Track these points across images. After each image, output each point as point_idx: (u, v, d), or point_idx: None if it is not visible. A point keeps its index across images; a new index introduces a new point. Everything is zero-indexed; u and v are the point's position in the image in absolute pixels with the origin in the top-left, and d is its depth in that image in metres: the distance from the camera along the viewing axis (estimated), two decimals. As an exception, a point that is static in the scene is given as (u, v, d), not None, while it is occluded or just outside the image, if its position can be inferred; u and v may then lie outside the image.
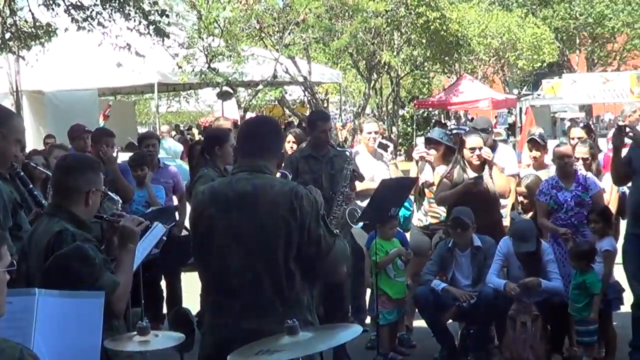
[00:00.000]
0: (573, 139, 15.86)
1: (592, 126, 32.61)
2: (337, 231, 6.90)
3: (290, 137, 15.19)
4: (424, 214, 14.04)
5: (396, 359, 12.70)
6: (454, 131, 15.86)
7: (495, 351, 12.59)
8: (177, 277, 13.77)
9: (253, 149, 6.72)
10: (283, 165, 12.51)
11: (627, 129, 11.69)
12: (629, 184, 12.27)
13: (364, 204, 12.52)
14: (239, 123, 24.17)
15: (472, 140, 13.08)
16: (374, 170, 13.98)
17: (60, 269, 6.11)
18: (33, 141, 23.52)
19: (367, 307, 13.66)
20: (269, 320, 6.02)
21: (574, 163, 13.15)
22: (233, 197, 6.48)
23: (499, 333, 12.58)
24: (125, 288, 6.46)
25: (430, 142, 14.45)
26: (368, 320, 13.62)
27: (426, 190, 13.93)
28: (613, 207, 13.24)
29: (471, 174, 12.81)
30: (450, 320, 13.00)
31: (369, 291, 13.38)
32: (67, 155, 9.36)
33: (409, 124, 46.54)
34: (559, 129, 37.57)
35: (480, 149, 12.96)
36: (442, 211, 13.67)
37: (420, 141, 24.93)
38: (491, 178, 13.04)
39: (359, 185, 13.16)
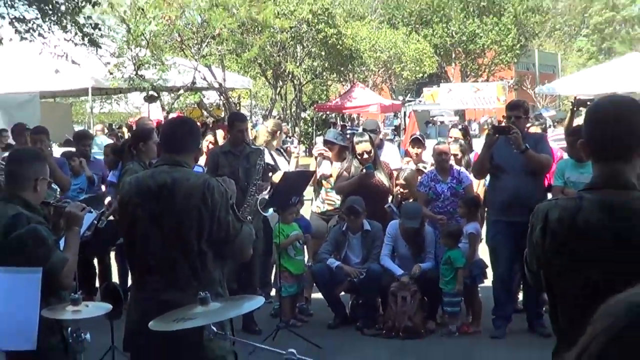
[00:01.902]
0: (451, 137, 16.15)
1: (468, 129, 32.87)
2: (248, 217, 6.96)
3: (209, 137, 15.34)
4: (322, 202, 14.29)
5: (296, 325, 12.77)
6: (349, 132, 16.01)
7: (380, 319, 12.72)
8: (107, 256, 13.76)
9: (172, 146, 6.78)
10: (206, 159, 12.67)
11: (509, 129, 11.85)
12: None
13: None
14: (161, 123, 24.00)
15: (361, 146, 13.33)
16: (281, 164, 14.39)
17: (17, 248, 6.25)
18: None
19: (272, 281, 13.80)
20: (185, 294, 6.03)
21: (450, 159, 13.47)
22: (154, 188, 6.51)
23: (384, 304, 12.74)
24: (72, 264, 6.60)
25: (326, 143, 14.64)
26: (273, 292, 13.70)
27: (324, 182, 14.15)
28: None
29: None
30: (343, 293, 13.15)
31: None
32: (17, 149, 9.56)
33: (309, 125, 46.61)
34: (436, 131, 37.67)
35: (368, 152, 13.28)
36: (336, 199, 13.92)
37: (319, 140, 24.90)
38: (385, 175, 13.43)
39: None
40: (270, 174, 13.40)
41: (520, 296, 12.76)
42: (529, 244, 4.73)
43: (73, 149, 15.79)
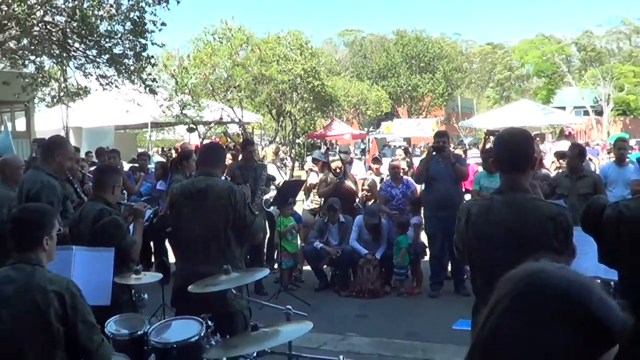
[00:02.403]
0: (397, 155, 16.52)
1: (409, 149, 32.84)
2: (257, 212, 7.00)
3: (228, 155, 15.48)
4: (310, 202, 14.51)
5: (292, 289, 12.83)
6: (330, 152, 16.05)
7: (351, 284, 12.75)
8: (159, 240, 13.64)
9: (206, 162, 6.91)
10: (226, 171, 12.76)
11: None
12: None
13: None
14: (198, 147, 23.98)
15: (334, 164, 13.91)
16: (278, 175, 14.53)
17: (104, 231, 6.53)
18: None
19: (275, 257, 13.80)
20: (215, 266, 6.01)
21: (400, 171, 13.60)
22: (194, 191, 6.65)
23: (354, 274, 12.77)
24: (138, 245, 6.92)
25: (314, 160, 15.02)
26: (276, 266, 13.70)
27: (313, 189, 14.30)
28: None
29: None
30: (325, 266, 13.15)
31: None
32: (101, 164, 10.02)
33: (302, 148, 46.72)
34: (391, 152, 37.61)
35: (339, 167, 13.82)
36: (320, 200, 14.11)
37: (309, 159, 24.94)
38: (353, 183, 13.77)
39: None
40: (272, 182, 13.45)
41: (450, 267, 12.74)
42: (456, 231, 4.83)
43: (136, 165, 15.95)
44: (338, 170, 13.76)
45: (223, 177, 7.66)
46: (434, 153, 12.28)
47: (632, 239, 4.46)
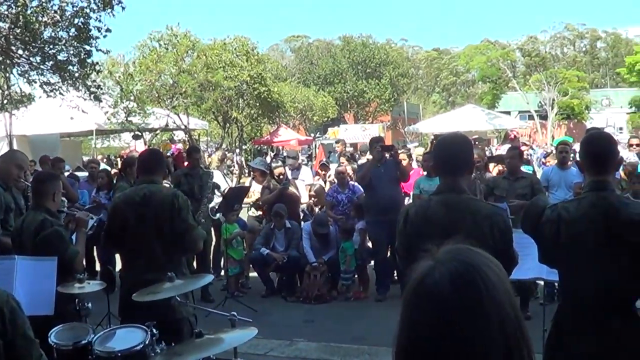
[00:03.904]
0: (342, 161, 16.59)
1: (355, 155, 32.98)
2: (203, 220, 7.04)
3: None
4: (256, 209, 14.30)
5: (239, 295, 12.81)
6: (274, 159, 16.08)
7: (298, 290, 12.78)
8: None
9: (147, 169, 6.89)
10: (170, 178, 12.78)
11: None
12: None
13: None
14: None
15: (277, 170, 14.00)
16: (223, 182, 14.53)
17: (46, 243, 6.46)
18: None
19: (222, 265, 13.74)
20: (159, 273, 5.97)
21: (347, 177, 13.68)
22: (137, 199, 6.63)
23: (301, 279, 12.83)
24: (82, 255, 6.92)
25: (253, 170, 15.44)
26: (222, 272, 13.70)
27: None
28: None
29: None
30: (272, 272, 13.15)
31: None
32: (40, 172, 9.81)
33: (248, 154, 46.59)
34: (337, 158, 37.61)
35: (282, 173, 13.92)
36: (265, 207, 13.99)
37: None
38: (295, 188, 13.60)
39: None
40: (217, 189, 13.44)
41: (396, 271, 12.80)
42: (397, 235, 4.86)
43: (76, 174, 15.89)
44: (281, 177, 13.79)
45: (167, 184, 7.68)
46: (386, 154, 12.40)
47: (571, 240, 4.56)
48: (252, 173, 15.26)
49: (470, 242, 1.99)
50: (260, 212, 14.26)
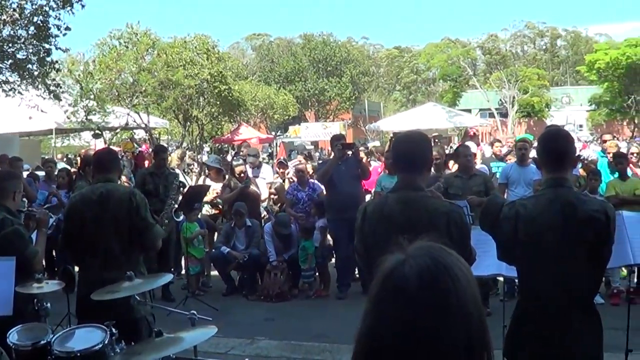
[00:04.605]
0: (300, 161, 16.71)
1: (312, 153, 33.15)
2: (167, 221, 7.02)
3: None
4: (210, 208, 14.75)
5: (200, 294, 12.83)
6: (235, 157, 16.04)
7: (259, 288, 12.80)
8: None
9: (103, 168, 6.85)
10: (135, 177, 12.79)
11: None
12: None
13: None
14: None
15: (238, 168, 14.06)
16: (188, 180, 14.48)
17: (5, 242, 6.38)
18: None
19: (182, 264, 13.73)
20: (118, 272, 5.97)
21: (307, 175, 13.72)
22: (94, 198, 6.57)
23: (261, 278, 12.83)
24: (42, 255, 6.84)
25: (207, 167, 15.68)
26: (183, 271, 13.68)
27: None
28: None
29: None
30: (233, 270, 13.15)
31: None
32: (1, 171, 9.71)
33: (209, 153, 46.45)
34: (294, 155, 37.69)
35: (243, 171, 13.93)
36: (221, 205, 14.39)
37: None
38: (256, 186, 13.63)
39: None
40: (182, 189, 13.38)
41: (357, 269, 12.84)
42: (355, 232, 4.86)
43: (36, 173, 15.73)
44: (242, 175, 13.78)
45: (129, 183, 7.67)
46: (347, 151, 12.45)
47: (529, 236, 4.60)
48: (207, 171, 15.18)
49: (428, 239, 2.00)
50: (215, 211, 14.27)
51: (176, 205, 12.74)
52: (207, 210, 14.44)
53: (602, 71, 54.04)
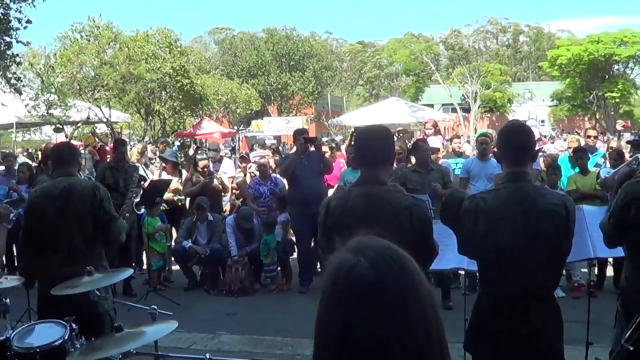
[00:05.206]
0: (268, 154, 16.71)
1: (280, 147, 33.10)
2: (128, 214, 6.99)
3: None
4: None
5: (161, 289, 12.79)
6: (197, 152, 16.00)
7: (221, 283, 12.78)
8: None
9: (63, 162, 6.75)
10: (96, 172, 12.74)
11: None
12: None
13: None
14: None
15: (201, 163, 14.05)
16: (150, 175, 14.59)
17: None
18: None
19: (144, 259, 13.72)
20: (80, 267, 5.87)
21: (269, 169, 13.73)
22: (56, 192, 6.48)
23: (223, 272, 12.82)
24: (2, 250, 6.80)
25: (161, 159, 15.52)
26: (145, 266, 13.65)
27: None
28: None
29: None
30: (195, 265, 13.12)
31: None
32: None
33: (171, 147, 46.26)
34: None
35: (206, 166, 13.99)
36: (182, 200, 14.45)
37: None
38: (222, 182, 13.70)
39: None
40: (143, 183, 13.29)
41: (319, 263, 12.87)
42: (319, 228, 4.87)
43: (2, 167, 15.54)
44: (205, 169, 13.77)
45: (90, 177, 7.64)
46: (309, 145, 12.46)
47: (489, 230, 4.63)
48: (163, 165, 15.09)
49: (390, 233, 1.99)
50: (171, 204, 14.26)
51: (137, 199, 12.70)
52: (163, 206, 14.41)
53: (564, 67, 54.59)
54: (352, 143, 13.76)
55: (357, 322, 1.81)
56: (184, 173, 14.63)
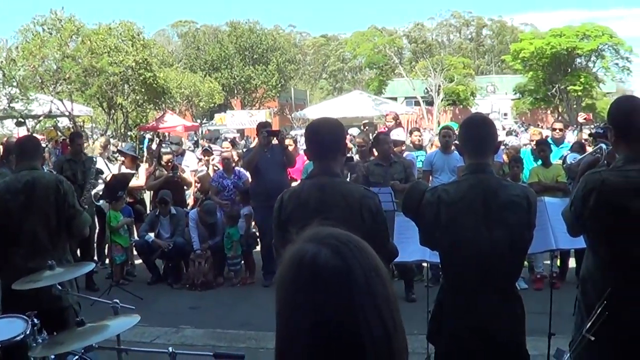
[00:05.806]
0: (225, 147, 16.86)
1: (239, 141, 33.18)
2: (86, 206, 6.97)
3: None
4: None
5: (124, 283, 12.72)
6: (161, 146, 15.88)
7: (184, 277, 12.78)
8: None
9: (27, 155, 6.73)
10: (54, 165, 12.68)
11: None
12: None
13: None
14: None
15: (165, 156, 13.98)
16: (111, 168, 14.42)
17: None
18: None
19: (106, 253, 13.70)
20: (43, 261, 5.86)
21: (232, 162, 13.74)
22: (20, 186, 6.47)
23: (186, 266, 12.81)
24: None
25: (120, 152, 15.70)
26: (107, 260, 13.61)
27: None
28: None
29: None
30: (158, 259, 13.08)
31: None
32: None
33: (134, 141, 46.00)
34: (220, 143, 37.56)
35: (170, 160, 13.92)
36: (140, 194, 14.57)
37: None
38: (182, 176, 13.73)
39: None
40: (100, 175, 13.26)
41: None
42: (274, 221, 4.95)
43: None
44: (170, 163, 13.72)
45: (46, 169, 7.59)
46: (272, 138, 12.45)
47: (451, 221, 4.66)
48: (120, 158, 15.07)
49: (344, 224, 1.98)
50: (130, 200, 14.17)
51: (94, 190, 12.70)
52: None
53: (526, 60, 54.97)
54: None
55: (326, 311, 1.79)
56: (142, 167, 14.65)
